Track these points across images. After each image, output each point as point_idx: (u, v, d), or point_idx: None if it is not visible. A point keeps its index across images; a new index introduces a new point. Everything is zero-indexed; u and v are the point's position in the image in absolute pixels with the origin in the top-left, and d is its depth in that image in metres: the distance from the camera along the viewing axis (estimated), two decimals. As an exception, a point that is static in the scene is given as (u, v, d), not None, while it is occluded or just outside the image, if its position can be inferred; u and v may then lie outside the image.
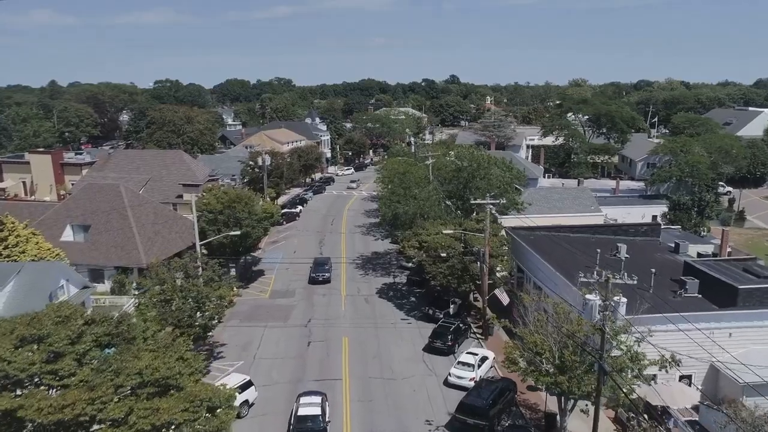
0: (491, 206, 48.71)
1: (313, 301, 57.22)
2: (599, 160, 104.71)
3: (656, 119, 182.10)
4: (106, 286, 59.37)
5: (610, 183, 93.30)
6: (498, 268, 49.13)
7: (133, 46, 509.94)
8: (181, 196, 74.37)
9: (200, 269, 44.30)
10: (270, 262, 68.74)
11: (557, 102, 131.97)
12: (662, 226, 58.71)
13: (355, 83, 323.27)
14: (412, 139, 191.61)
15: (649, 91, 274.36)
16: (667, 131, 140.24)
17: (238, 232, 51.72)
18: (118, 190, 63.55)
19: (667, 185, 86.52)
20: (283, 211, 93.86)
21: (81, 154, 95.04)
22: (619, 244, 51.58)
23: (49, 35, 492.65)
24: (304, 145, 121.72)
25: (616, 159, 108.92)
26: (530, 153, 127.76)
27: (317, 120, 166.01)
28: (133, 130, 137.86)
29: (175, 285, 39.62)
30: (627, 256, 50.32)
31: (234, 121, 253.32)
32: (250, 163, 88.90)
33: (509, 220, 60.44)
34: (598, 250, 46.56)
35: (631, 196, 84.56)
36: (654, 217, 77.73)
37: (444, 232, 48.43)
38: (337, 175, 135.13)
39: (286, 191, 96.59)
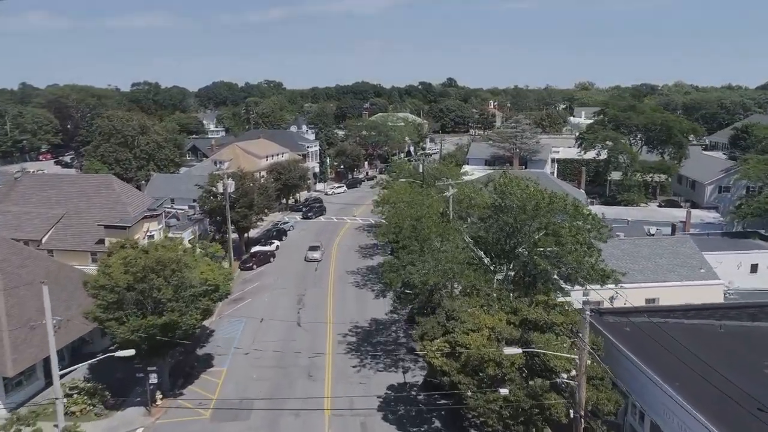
0: (581, 294, 27.80)
1: (280, 429, 36.06)
2: (652, 181, 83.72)
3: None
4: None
5: (675, 213, 72.37)
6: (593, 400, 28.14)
7: (124, 49, 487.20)
8: (102, 242, 53.16)
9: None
10: (221, 352, 47.47)
11: (599, 110, 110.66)
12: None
13: (349, 86, 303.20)
14: (412, 148, 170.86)
15: (665, 94, 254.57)
16: (718, 141, 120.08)
17: (132, 352, 29.78)
18: (-13, 244, 42.27)
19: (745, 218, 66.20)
20: (253, 249, 72.91)
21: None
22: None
23: (30, 37, 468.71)
24: (285, 160, 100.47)
25: (665, 179, 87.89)
26: (556, 168, 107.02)
27: (304, 128, 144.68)
28: (85, 140, 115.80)
29: None
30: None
31: (217, 126, 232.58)
32: (211, 188, 67.63)
33: (577, 293, 39.61)
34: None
35: (712, 234, 63.44)
36: (754, 268, 56.98)
37: (505, 351, 27.26)
38: (326, 194, 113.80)
39: (259, 222, 75.28)
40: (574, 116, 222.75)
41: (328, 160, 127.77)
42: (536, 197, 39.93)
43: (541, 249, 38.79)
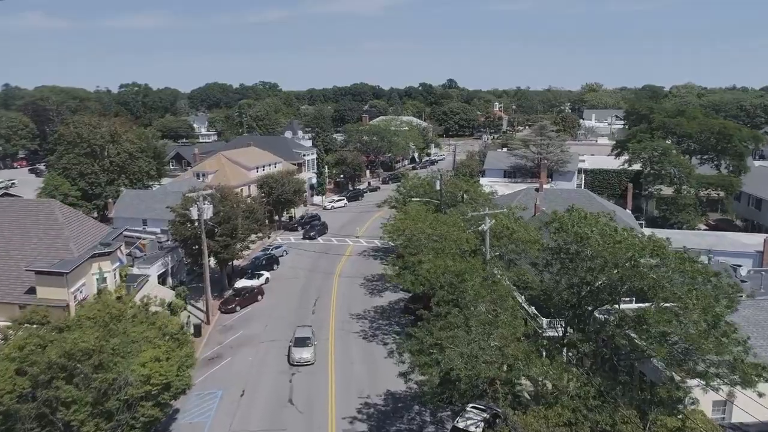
0: None
1: None
2: (707, 198, 71.19)
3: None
4: None
5: (744, 239, 60.14)
6: None
7: (118, 50, 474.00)
8: (33, 291, 40.61)
9: None
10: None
11: (625, 114, 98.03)
12: None
13: (347, 88, 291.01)
14: (416, 154, 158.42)
15: (680, 96, 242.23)
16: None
17: None
18: None
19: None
20: (237, 284, 60.69)
21: None
22: None
23: (23, 37, 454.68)
24: (278, 171, 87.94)
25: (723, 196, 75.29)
26: (583, 180, 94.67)
27: (300, 133, 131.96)
28: (52, 149, 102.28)
29: None
30: None
31: (208, 130, 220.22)
32: (184, 212, 55.02)
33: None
34: None
35: (803, 270, 51.22)
36: None
37: None
38: (325, 208, 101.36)
39: (245, 251, 62.49)
40: (583, 119, 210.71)
41: (326, 170, 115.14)
42: (632, 247, 27.61)
43: (643, 321, 26.53)
